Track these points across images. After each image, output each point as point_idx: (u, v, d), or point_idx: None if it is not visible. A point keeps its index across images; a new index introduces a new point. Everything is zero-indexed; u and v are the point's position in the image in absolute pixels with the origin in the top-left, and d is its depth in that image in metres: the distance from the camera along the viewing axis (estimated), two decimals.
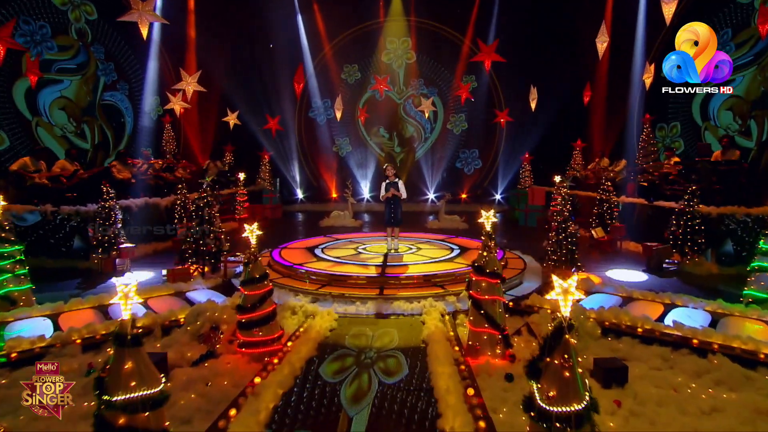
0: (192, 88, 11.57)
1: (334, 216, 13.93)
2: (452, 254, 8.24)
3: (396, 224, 8.57)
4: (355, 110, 18.71)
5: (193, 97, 14.24)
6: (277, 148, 17.99)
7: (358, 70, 18.69)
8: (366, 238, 9.97)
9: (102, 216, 8.58)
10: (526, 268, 7.83)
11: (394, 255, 8.24)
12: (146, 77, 14.46)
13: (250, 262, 4.91)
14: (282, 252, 8.45)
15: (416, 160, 18.85)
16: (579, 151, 15.31)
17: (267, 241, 10.78)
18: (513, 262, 8.10)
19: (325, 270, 7.16)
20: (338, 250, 8.71)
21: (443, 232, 12.38)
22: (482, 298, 4.94)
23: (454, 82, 18.28)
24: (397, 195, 8.44)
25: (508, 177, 17.66)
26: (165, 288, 6.89)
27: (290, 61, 17.28)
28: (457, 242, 9.40)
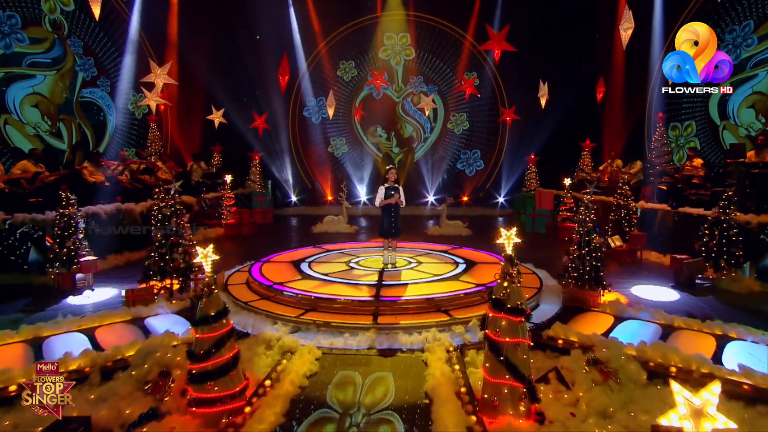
0: (162, 81, 10.36)
1: (328, 221, 12.78)
2: (457, 270, 7.09)
3: (395, 236, 7.43)
4: (351, 109, 17.58)
5: (176, 93, 13.09)
6: (269, 149, 16.83)
7: (354, 67, 17.57)
8: (360, 249, 8.81)
9: (60, 225, 7.41)
10: (543, 287, 6.68)
11: (391, 271, 7.09)
12: (121, 72, 13.26)
13: (202, 296, 3.75)
14: (263, 267, 7.29)
15: (415, 161, 17.75)
16: (588, 152, 14.17)
17: (250, 252, 9.67)
18: (527, 278, 6.96)
19: (311, 292, 6.00)
20: (328, 264, 7.56)
21: (445, 239, 11.26)
22: (502, 341, 3.79)
23: (456, 78, 17.14)
24: (398, 202, 7.28)
25: (512, 179, 16.54)
26: (120, 313, 5.73)
27: (281, 56, 16.08)
28: (462, 254, 8.25)
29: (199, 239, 11.19)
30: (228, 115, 14.72)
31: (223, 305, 3.83)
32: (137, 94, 13.45)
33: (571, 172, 14.12)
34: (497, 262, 7.65)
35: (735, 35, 12.19)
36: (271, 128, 16.52)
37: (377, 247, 8.60)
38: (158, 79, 10.44)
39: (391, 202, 7.26)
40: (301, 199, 17.31)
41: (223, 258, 8.94)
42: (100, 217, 8.77)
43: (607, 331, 5.32)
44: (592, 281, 6.30)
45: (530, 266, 8.03)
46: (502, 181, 16.85)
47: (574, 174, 14.23)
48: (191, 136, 15.08)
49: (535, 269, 7.82)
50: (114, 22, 13.53)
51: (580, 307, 6.11)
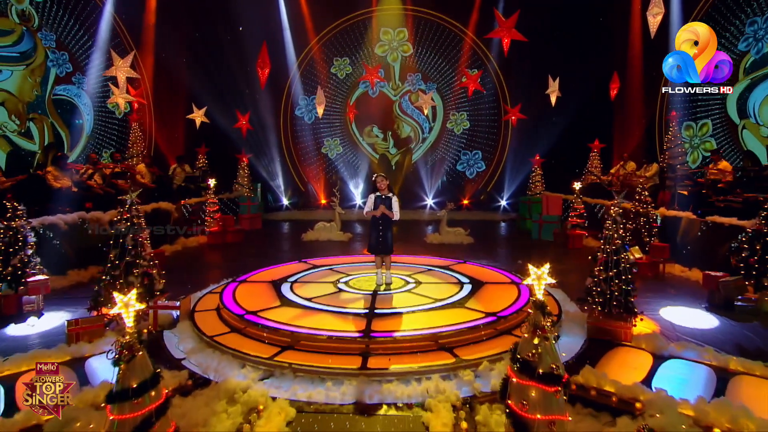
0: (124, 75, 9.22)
1: (319, 228, 11.72)
2: (462, 293, 6.05)
3: (384, 252, 6.38)
4: (345, 108, 16.55)
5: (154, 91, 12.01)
6: (259, 150, 15.78)
7: (349, 64, 16.54)
8: (351, 264, 7.76)
9: (5, 240, 6.34)
10: (562, 314, 5.64)
11: (385, 295, 6.04)
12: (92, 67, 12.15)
13: (121, 360, 2.68)
14: (238, 289, 6.23)
15: (413, 163, 16.75)
16: (597, 153, 13.14)
17: (231, 266, 8.64)
18: None
19: (288, 325, 4.95)
20: (313, 285, 6.51)
21: (445, 249, 10.25)
22: (531, 418, 2.75)
23: (456, 76, 16.10)
24: (386, 214, 6.25)
25: (515, 181, 15.56)
26: (56, 352, 4.67)
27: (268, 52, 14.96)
28: (466, 271, 7.21)
29: (178, 249, 10.15)
30: (212, 114, 13.61)
31: (152, 372, 2.77)
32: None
33: (578, 175, 13.11)
34: (508, 281, 6.61)
35: (756, 27, 11.17)
36: (256, 128, 15.44)
37: (371, 262, 7.55)
38: (119, 72, 9.21)
39: (376, 214, 6.25)
40: (293, 202, 16.35)
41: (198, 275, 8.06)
42: (59, 227, 7.69)
43: (647, 377, 4.29)
44: (621, 309, 5.26)
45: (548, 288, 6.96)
46: (504, 184, 15.89)
47: (581, 177, 13.23)
48: (174, 137, 13.99)
49: (550, 288, 6.77)
50: (90, 14, 12.45)
51: (609, 340, 5.08)
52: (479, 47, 15.97)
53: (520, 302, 5.60)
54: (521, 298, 5.77)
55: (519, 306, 5.46)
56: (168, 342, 5.09)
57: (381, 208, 6.27)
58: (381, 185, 6.34)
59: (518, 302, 5.60)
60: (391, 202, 6.34)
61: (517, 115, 14.31)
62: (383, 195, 6.38)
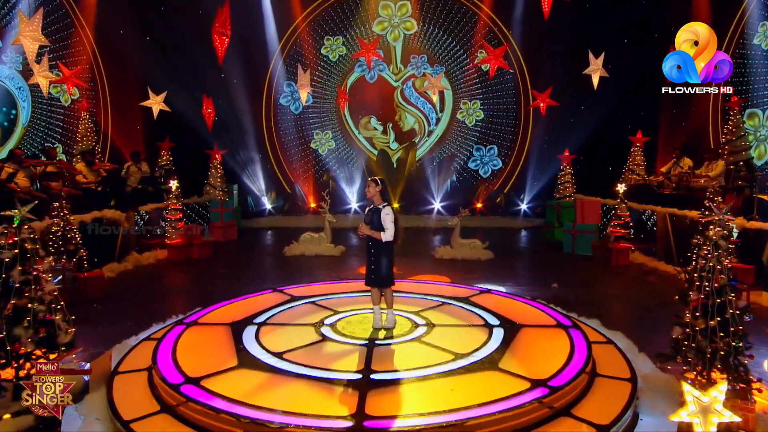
0: (31, 42, 7.74)
1: (305, 240, 10.42)
2: (492, 343, 4.70)
3: (379, 285, 5.05)
4: (338, 95, 15.31)
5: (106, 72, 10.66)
6: (236, 145, 14.49)
7: (342, 44, 15.29)
8: (340, 295, 6.43)
9: None
10: (636, 379, 4.27)
11: (386, 346, 4.70)
12: None
13: None
14: (184, 338, 4.88)
15: (418, 160, 15.52)
16: (640, 148, 11.81)
17: (190, 292, 7.35)
18: (603, 355, 4.58)
19: (243, 405, 3.60)
20: (287, 331, 5.17)
21: (459, 266, 9.01)
22: None
23: (469, 56, 14.84)
24: (372, 236, 4.92)
25: (539, 182, 14.39)
26: None
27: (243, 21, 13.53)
28: (492, 304, 5.89)
29: (127, 269, 8.82)
30: (176, 102, 12.23)
31: None
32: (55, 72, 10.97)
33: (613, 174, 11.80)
34: (551, 323, 5.26)
35: None
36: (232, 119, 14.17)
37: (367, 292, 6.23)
38: (24, 39, 7.62)
39: (360, 234, 4.98)
40: (277, 207, 15.17)
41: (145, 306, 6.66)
42: None
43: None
44: (728, 373, 3.90)
45: (594, 324, 5.63)
46: (526, 185, 14.66)
47: (620, 177, 11.91)
48: (133, 130, 12.64)
49: (605, 331, 5.42)
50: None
51: None
52: (496, 24, 14.65)
53: (576, 360, 4.26)
54: (576, 352, 4.42)
55: (576, 368, 4.12)
56: (68, 428, 3.73)
57: (362, 228, 4.94)
58: (370, 193, 5.03)
59: (574, 360, 4.26)
60: (381, 214, 4.96)
61: (548, 101, 12.94)
62: (373, 206, 5.05)
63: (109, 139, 12.55)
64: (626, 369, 4.41)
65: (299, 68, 12.69)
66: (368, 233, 4.95)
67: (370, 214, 5.07)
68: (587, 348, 4.50)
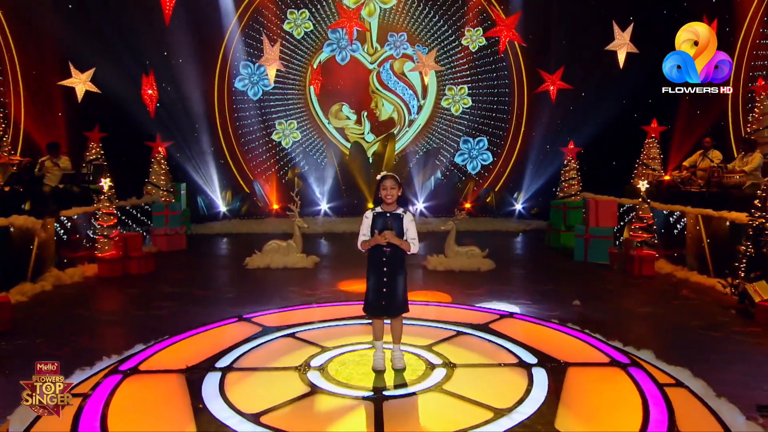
0: None
1: (271, 250, 9.51)
2: (536, 391, 3.93)
3: (394, 313, 4.29)
4: (305, 79, 14.51)
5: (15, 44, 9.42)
6: (183, 136, 13.46)
7: (308, 19, 14.45)
8: (326, 324, 5.56)
9: None
10: None
11: (398, 400, 3.86)
12: None
13: None
14: (120, 394, 3.91)
15: (397, 154, 14.88)
16: (656, 139, 11.40)
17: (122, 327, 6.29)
18: (680, 407, 3.86)
19: None
20: (261, 379, 4.27)
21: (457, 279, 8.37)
22: None
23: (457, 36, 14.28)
24: (397, 245, 4.19)
25: (538, 179, 13.95)
26: None
27: None
28: (519, 334, 5.15)
29: (44, 291, 7.67)
30: (109, 81, 11.09)
31: None
32: None
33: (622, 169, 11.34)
34: (603, 360, 4.53)
35: None
36: (179, 104, 13.12)
37: (359, 319, 5.39)
38: None
39: (381, 242, 4.17)
40: (233, 209, 14.27)
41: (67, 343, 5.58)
42: None
43: None
44: None
45: (648, 356, 4.92)
46: (524, 182, 14.18)
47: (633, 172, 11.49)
48: (48, 116, 11.38)
49: (665, 366, 4.72)
50: None
51: None
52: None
53: (656, 418, 3.52)
54: (652, 405, 3.69)
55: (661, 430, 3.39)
56: None
57: (386, 236, 4.13)
58: (387, 196, 4.24)
59: (653, 418, 3.52)
60: (403, 224, 4.22)
61: (558, 83, 12.28)
62: (388, 212, 4.25)
63: (21, 127, 11.23)
64: (716, 425, 3.69)
65: (265, 41, 11.71)
66: (396, 242, 4.14)
67: (382, 221, 4.25)
68: (663, 398, 3.77)
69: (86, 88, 10.39)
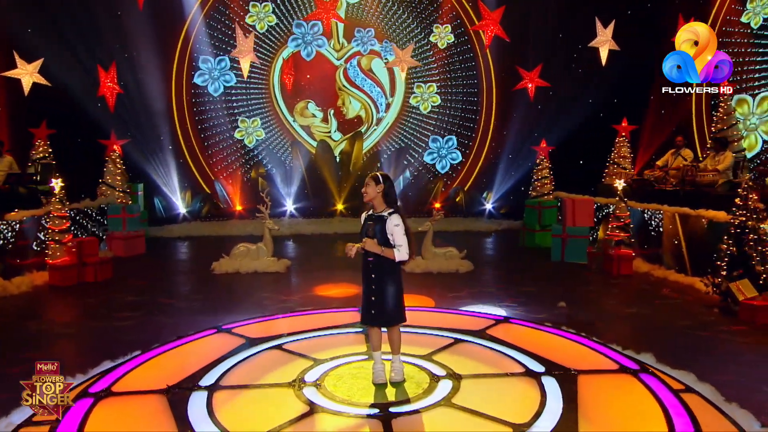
0: None
1: (240, 254, 9.09)
2: (551, 403, 3.75)
3: (385, 323, 4.08)
4: (270, 74, 14.06)
5: None
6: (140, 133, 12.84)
7: (271, 12, 14.02)
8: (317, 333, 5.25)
9: None
10: None
11: (405, 417, 3.60)
12: None
13: None
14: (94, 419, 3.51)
15: (365, 153, 14.62)
16: (626, 138, 11.56)
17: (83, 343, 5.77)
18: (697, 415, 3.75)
19: None
20: (253, 396, 3.94)
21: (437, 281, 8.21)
22: None
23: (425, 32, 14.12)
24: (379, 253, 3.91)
25: (509, 178, 13.91)
26: None
27: None
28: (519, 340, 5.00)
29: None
30: (59, 73, 10.40)
31: None
32: None
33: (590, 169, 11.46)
34: (612, 367, 4.40)
35: None
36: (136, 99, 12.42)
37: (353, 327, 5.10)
38: None
39: (358, 249, 3.95)
40: (193, 211, 13.64)
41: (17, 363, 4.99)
42: None
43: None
44: None
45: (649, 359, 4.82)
46: (495, 181, 14.13)
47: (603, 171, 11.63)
48: None
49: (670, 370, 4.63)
50: None
51: None
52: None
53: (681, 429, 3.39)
54: (674, 415, 3.56)
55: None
56: None
57: (366, 243, 3.90)
58: (368, 195, 3.99)
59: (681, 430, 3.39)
60: (385, 226, 3.94)
61: (537, 81, 12.23)
62: (374, 213, 4.01)
63: None
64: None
65: (238, 31, 11.22)
66: (374, 251, 3.84)
67: (370, 223, 3.97)
68: (682, 406, 3.65)
69: (33, 79, 9.69)
